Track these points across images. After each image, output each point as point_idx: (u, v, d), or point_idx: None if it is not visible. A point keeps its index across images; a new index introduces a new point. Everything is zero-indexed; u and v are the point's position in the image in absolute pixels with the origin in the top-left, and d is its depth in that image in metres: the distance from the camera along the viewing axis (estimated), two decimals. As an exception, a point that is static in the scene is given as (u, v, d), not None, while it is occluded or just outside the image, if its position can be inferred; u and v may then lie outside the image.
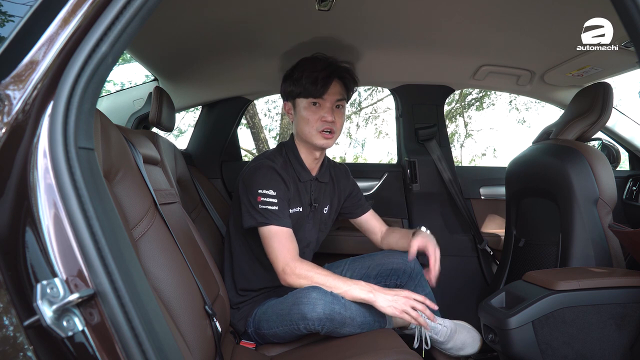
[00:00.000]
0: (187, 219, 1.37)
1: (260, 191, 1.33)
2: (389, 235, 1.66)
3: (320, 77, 1.41)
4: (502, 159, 9.26)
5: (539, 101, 8.27)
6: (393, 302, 1.18)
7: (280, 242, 1.30)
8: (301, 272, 1.25)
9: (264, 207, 1.32)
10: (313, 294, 1.20)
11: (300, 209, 1.47)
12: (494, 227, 2.27)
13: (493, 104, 8.74)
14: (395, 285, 1.55)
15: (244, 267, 1.48)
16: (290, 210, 1.42)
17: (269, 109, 8.67)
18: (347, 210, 1.69)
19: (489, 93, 8.35)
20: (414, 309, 1.18)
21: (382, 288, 1.22)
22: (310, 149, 1.50)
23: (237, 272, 1.49)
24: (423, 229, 1.55)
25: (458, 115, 8.73)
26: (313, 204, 1.52)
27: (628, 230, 1.23)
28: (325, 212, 1.58)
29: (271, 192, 1.34)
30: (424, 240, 1.45)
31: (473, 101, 8.62)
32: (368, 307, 1.25)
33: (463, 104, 8.55)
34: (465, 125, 8.87)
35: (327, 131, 1.44)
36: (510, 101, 8.76)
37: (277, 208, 1.32)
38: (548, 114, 9.62)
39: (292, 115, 1.52)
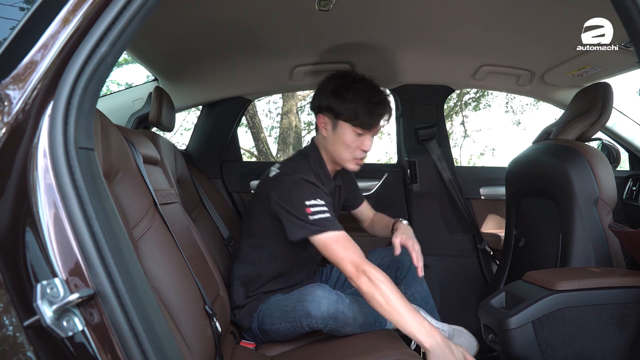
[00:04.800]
0: (187, 219, 1.37)
1: (307, 203, 1.29)
2: (373, 223, 1.73)
3: (376, 111, 1.37)
4: (500, 160, 9.27)
5: (534, 104, 8.29)
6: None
7: (343, 245, 1.25)
8: (374, 278, 1.16)
9: (316, 217, 1.28)
10: (318, 292, 1.21)
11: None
12: (494, 227, 2.27)
13: (489, 105, 8.74)
14: (394, 277, 1.55)
15: (265, 274, 1.47)
16: None
17: (270, 110, 8.67)
18: (348, 202, 1.72)
19: (486, 94, 8.35)
20: None
21: (448, 341, 1.08)
22: (335, 164, 1.49)
23: (253, 278, 1.47)
24: (404, 222, 1.57)
25: (454, 115, 8.72)
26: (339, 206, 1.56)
27: (628, 230, 1.23)
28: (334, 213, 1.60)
29: (320, 202, 1.30)
30: (403, 237, 1.45)
31: (470, 101, 8.62)
32: (369, 308, 1.25)
33: (460, 103, 8.54)
34: (462, 123, 8.86)
35: (361, 158, 1.43)
36: (507, 102, 8.77)
37: (329, 215, 1.29)
38: (543, 116, 9.63)
39: (327, 131, 1.44)
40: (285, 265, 1.48)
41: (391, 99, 1.49)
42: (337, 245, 1.25)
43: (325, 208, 1.30)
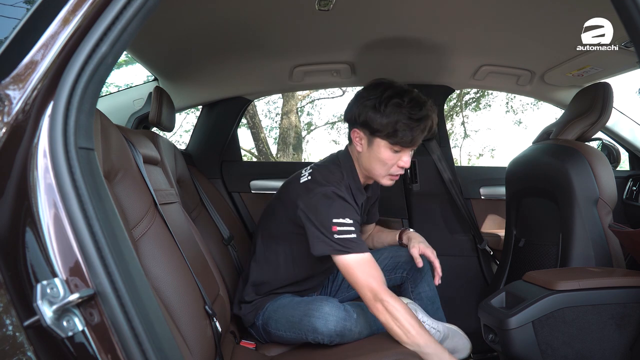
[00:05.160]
0: (187, 219, 1.37)
1: (335, 220, 1.23)
2: (374, 233, 1.71)
3: (418, 128, 1.27)
4: (500, 160, 9.27)
5: (535, 103, 8.28)
6: None
7: (364, 270, 1.20)
8: (392, 309, 1.14)
9: (341, 236, 1.22)
10: (326, 308, 1.20)
11: None
12: (494, 227, 2.27)
13: (489, 105, 8.74)
14: (402, 278, 1.56)
15: (282, 279, 1.44)
16: None
17: (269, 110, 8.67)
18: (366, 216, 1.66)
19: (486, 93, 8.35)
20: None
21: None
22: (369, 177, 1.42)
23: (269, 280, 1.44)
24: (411, 230, 1.56)
25: (455, 115, 8.72)
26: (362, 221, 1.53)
27: (628, 230, 1.23)
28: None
29: (348, 221, 1.24)
30: (421, 246, 1.45)
31: (470, 101, 8.62)
32: (375, 319, 1.23)
33: (460, 103, 8.54)
34: (462, 124, 8.86)
35: (397, 175, 1.36)
36: (507, 102, 8.76)
37: (355, 236, 1.23)
38: (544, 116, 9.63)
39: (362, 147, 1.35)
40: (304, 272, 1.45)
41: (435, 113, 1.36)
42: (358, 269, 1.20)
43: (352, 228, 1.24)
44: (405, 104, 1.26)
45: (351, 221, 1.24)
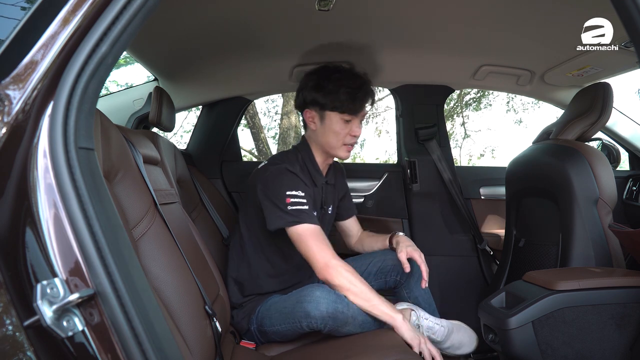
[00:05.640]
0: (187, 219, 1.37)
1: (288, 192, 1.34)
2: (363, 238, 1.73)
3: (359, 95, 1.43)
4: (500, 160, 9.27)
5: (536, 102, 8.28)
6: (418, 335, 1.21)
7: (317, 239, 1.31)
8: (343, 272, 1.26)
9: (294, 207, 1.33)
10: (317, 292, 1.21)
11: (315, 213, 1.48)
12: (494, 227, 2.27)
13: (490, 105, 8.73)
14: (395, 282, 1.56)
15: (257, 272, 1.48)
16: None
17: (268, 109, 8.66)
18: (339, 211, 1.72)
19: (486, 93, 8.34)
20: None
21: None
22: (326, 155, 1.53)
23: (246, 276, 1.48)
24: (400, 234, 1.59)
25: (455, 115, 8.71)
26: (323, 206, 1.56)
27: (628, 230, 1.23)
28: (330, 212, 1.61)
29: (300, 193, 1.35)
30: (408, 249, 1.47)
31: (471, 101, 8.61)
32: None
33: (461, 104, 8.53)
34: (462, 124, 8.86)
35: (351, 144, 1.48)
36: (508, 102, 8.76)
37: (307, 207, 1.34)
38: (545, 114, 9.63)
39: (316, 125, 1.49)
40: (277, 262, 1.48)
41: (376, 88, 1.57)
42: (310, 239, 1.30)
43: (304, 200, 1.35)
44: (344, 77, 1.44)
45: (303, 194, 1.36)
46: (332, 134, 1.46)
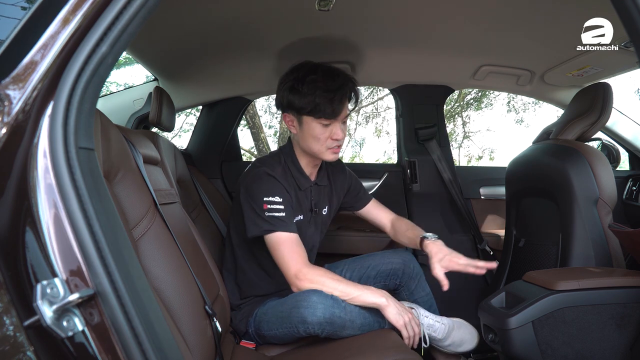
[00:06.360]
0: (187, 219, 1.37)
1: (265, 198, 1.30)
2: (397, 233, 1.61)
3: (336, 98, 1.31)
4: (500, 160, 9.26)
5: (536, 102, 8.28)
6: (402, 313, 1.24)
7: (289, 248, 1.28)
8: (314, 278, 1.24)
9: (270, 214, 1.29)
10: (313, 297, 1.19)
11: (302, 217, 1.46)
12: (494, 227, 2.27)
13: (491, 104, 8.73)
14: (395, 285, 1.55)
15: (249, 274, 1.47)
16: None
17: (269, 106, 8.66)
18: (349, 204, 1.68)
19: (487, 93, 8.34)
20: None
21: (393, 298, 1.26)
22: (312, 158, 1.45)
23: (241, 278, 1.48)
24: (432, 238, 1.46)
25: (457, 115, 8.71)
26: (314, 209, 1.51)
27: (628, 230, 1.22)
28: (324, 213, 1.58)
29: (277, 199, 1.31)
30: (444, 264, 1.37)
31: (472, 101, 8.61)
32: (368, 309, 1.26)
33: (462, 104, 8.53)
34: (464, 125, 8.85)
35: (336, 147, 1.40)
36: (509, 102, 8.76)
37: (284, 214, 1.30)
38: (545, 114, 9.62)
39: (295, 129, 1.40)
40: (269, 265, 1.43)
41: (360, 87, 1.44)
42: (284, 247, 1.28)
43: (281, 207, 1.31)
44: (320, 78, 1.31)
45: (280, 199, 1.32)
46: (312, 138, 1.36)
